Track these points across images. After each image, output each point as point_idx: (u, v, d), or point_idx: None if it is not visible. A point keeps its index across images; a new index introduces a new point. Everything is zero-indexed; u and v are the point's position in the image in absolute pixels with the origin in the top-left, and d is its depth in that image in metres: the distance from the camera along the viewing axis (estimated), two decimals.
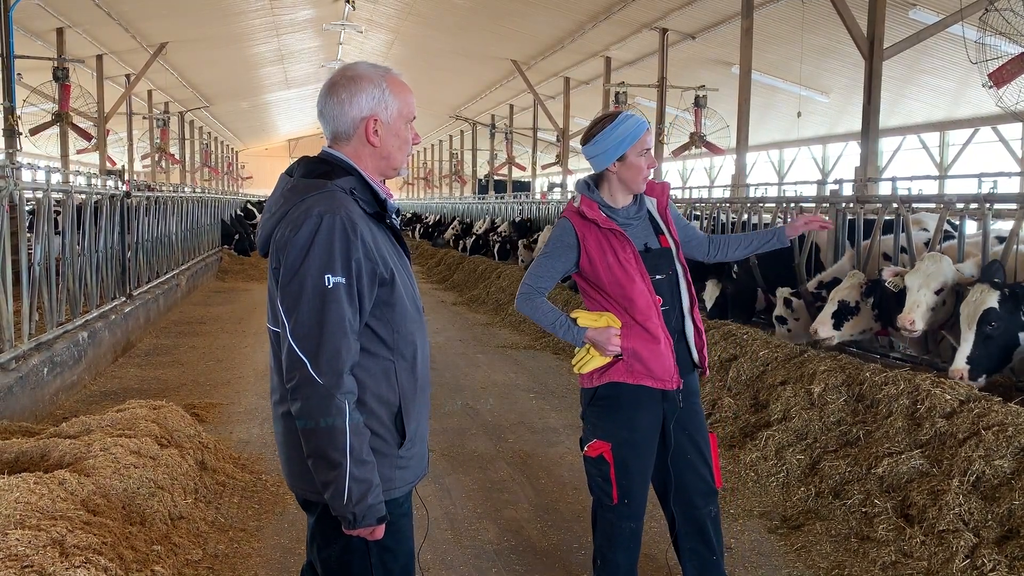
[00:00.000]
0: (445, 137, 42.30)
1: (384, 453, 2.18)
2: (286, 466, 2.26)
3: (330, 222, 2.04)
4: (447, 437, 6.17)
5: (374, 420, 2.15)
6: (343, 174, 2.18)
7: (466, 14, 20.14)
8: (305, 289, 2.03)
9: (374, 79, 2.21)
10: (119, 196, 9.80)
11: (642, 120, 3.17)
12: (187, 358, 9.00)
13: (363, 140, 2.22)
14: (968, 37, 8.60)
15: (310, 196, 2.10)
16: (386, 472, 2.18)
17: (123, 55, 21.32)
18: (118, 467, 4.13)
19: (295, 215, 2.08)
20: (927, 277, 5.48)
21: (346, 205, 2.09)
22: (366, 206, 2.17)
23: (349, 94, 2.19)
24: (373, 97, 2.20)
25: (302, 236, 2.04)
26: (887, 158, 21.00)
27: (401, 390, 2.20)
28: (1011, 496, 3.92)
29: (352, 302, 2.06)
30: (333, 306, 2.02)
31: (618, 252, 3.11)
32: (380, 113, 2.21)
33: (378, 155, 2.24)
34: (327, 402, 2.00)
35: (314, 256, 2.02)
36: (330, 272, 2.02)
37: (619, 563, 3.24)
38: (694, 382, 3.31)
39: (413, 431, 2.25)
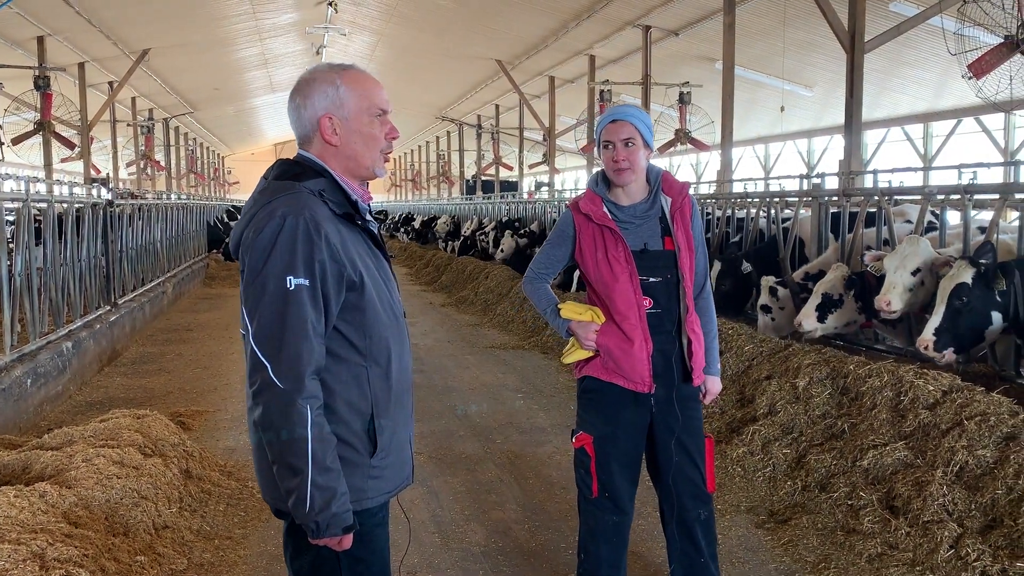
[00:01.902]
0: (432, 138, 42.26)
1: (354, 462, 2.13)
2: (259, 476, 2.23)
3: (293, 223, 2.01)
4: (435, 439, 6.15)
5: (343, 427, 2.11)
6: (313, 175, 2.15)
7: (449, 15, 20.12)
8: (267, 291, 1.99)
9: (328, 78, 2.17)
10: (101, 204, 9.75)
11: (614, 111, 3.13)
12: (173, 366, 8.95)
13: (322, 140, 2.19)
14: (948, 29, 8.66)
15: (276, 198, 2.08)
16: (357, 482, 2.13)
17: (105, 62, 21.20)
18: (100, 478, 4.10)
19: (260, 216, 2.06)
20: (904, 259, 5.53)
21: (311, 206, 2.06)
22: (335, 207, 2.12)
23: (303, 96, 2.18)
24: (327, 95, 2.16)
25: (264, 237, 2.01)
26: (872, 150, 21.09)
27: (374, 397, 2.15)
28: (994, 486, 3.93)
29: (316, 304, 2.02)
30: (294, 308, 1.98)
31: (609, 249, 3.10)
32: (335, 111, 2.17)
33: (342, 154, 2.20)
34: (288, 408, 1.97)
35: (276, 257, 1.99)
36: (292, 274, 1.98)
37: (602, 556, 3.23)
38: (690, 388, 3.23)
39: (387, 440, 2.19)
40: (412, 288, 16.73)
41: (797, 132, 23.38)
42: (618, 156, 3.06)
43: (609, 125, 3.09)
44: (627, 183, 3.12)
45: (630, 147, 3.06)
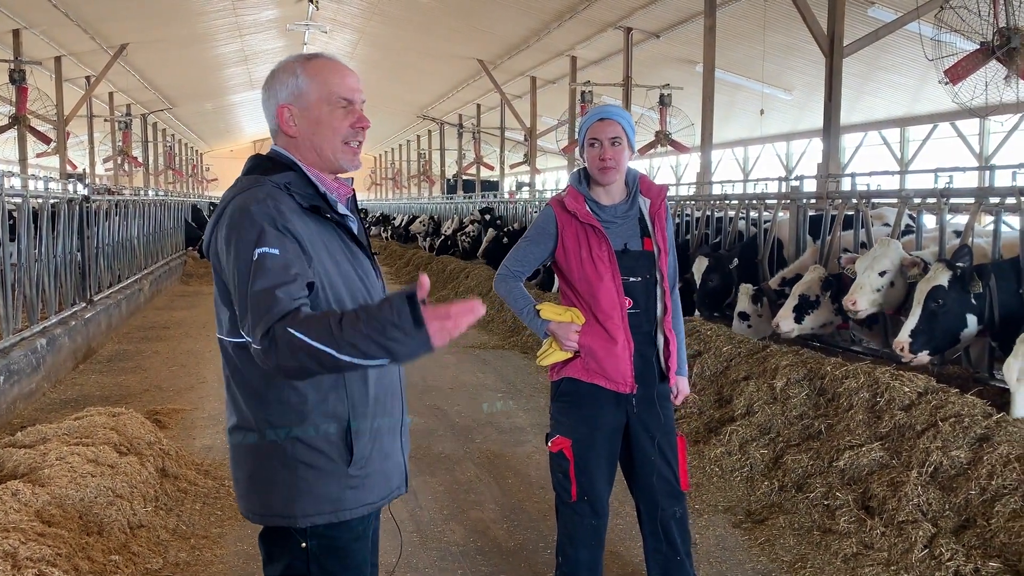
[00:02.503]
0: (413, 137, 42.13)
1: (328, 471, 2.04)
2: (236, 486, 2.15)
3: (257, 208, 1.95)
4: (414, 439, 6.09)
5: (319, 436, 2.04)
6: (282, 169, 2.08)
7: (431, 14, 20.07)
8: (239, 267, 1.91)
9: (290, 68, 2.12)
10: (78, 200, 9.64)
11: (601, 109, 3.13)
12: (150, 364, 8.87)
13: (281, 132, 2.13)
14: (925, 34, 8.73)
15: (241, 193, 2.01)
16: (332, 491, 2.04)
17: (82, 57, 20.96)
18: (74, 476, 4.06)
19: (228, 213, 2.01)
20: (873, 260, 5.64)
21: (275, 197, 1.99)
22: (302, 200, 2.03)
23: (268, 88, 2.14)
24: (286, 85, 2.10)
25: (230, 227, 1.96)
26: (850, 154, 21.28)
27: (351, 402, 2.06)
28: (967, 486, 3.98)
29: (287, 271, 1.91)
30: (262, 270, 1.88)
31: (592, 248, 3.10)
32: (294, 101, 2.10)
33: (304, 146, 2.11)
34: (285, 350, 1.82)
35: (243, 237, 1.92)
36: (260, 246, 1.90)
37: (580, 559, 3.24)
38: (665, 387, 3.26)
39: (366, 448, 2.09)
40: (392, 287, 16.57)
41: (776, 135, 23.53)
42: (605, 154, 3.06)
43: (596, 123, 3.09)
44: (611, 182, 3.12)
45: (616, 146, 3.07)
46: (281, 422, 2.02)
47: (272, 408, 2.02)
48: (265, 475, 2.05)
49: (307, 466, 2.03)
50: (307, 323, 1.80)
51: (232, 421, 2.11)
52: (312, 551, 2.06)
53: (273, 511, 2.06)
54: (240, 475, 2.09)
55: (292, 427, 2.02)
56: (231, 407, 2.11)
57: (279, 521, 2.05)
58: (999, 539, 3.65)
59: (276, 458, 2.03)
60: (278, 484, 2.04)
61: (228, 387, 2.10)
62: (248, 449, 2.06)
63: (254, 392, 2.03)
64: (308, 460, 2.03)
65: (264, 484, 2.05)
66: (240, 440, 2.07)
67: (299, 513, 2.04)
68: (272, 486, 2.04)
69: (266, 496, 2.05)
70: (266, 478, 2.05)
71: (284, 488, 2.03)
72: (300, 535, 2.06)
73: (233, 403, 2.10)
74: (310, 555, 2.07)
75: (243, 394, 2.05)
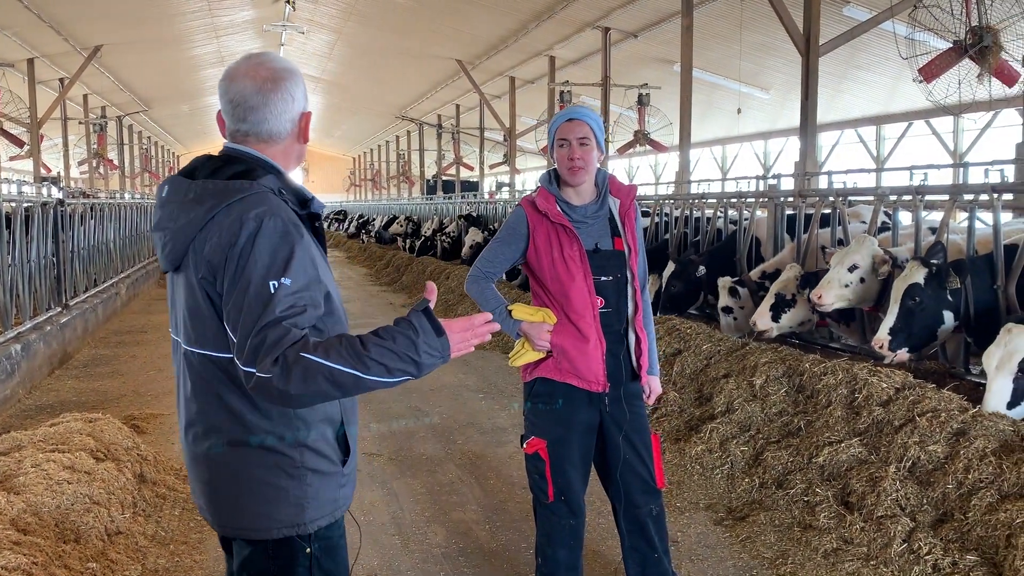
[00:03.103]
0: (392, 138, 42.03)
1: (330, 474, 2.05)
2: (211, 506, 2.06)
3: (271, 224, 1.88)
4: (395, 441, 6.12)
5: (322, 441, 2.03)
6: (264, 173, 2.00)
7: (409, 14, 20.03)
8: (247, 295, 1.84)
9: (298, 74, 2.09)
10: (52, 204, 9.53)
11: (570, 110, 3.16)
12: (127, 368, 8.78)
13: (296, 138, 2.08)
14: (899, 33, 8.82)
15: (236, 200, 1.91)
16: (331, 493, 2.06)
17: (56, 58, 20.74)
18: (50, 483, 4.01)
19: (226, 222, 1.89)
20: (843, 256, 5.73)
21: (282, 208, 1.93)
22: (296, 207, 2.01)
23: (292, 88, 2.05)
24: (303, 92, 2.08)
25: (240, 244, 1.86)
26: (827, 152, 21.46)
27: (343, 405, 2.09)
28: (945, 480, 4.02)
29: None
30: (280, 295, 1.84)
31: (564, 248, 3.11)
32: (308, 107, 2.12)
33: (301, 152, 2.13)
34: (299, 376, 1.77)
35: (254, 262, 1.85)
36: (274, 278, 1.84)
37: (559, 559, 3.24)
38: (636, 386, 3.28)
39: (354, 445, 2.13)
40: (372, 288, 16.62)
41: (754, 134, 23.69)
42: (573, 154, 3.08)
43: (565, 124, 3.11)
44: (580, 182, 3.14)
45: (585, 146, 3.08)
46: (288, 432, 1.99)
47: (276, 419, 1.98)
48: (271, 489, 1.99)
49: (314, 472, 2.02)
50: (322, 348, 1.79)
51: (220, 437, 2.00)
52: (315, 554, 2.06)
53: (282, 522, 2.01)
54: (227, 492, 2.00)
55: (299, 436, 2.00)
56: (215, 423, 2.00)
57: (287, 532, 2.01)
58: (976, 532, 3.69)
59: (281, 468, 1.99)
60: (286, 495, 2.00)
61: (213, 403, 1.99)
62: (246, 464, 1.99)
63: (254, 406, 1.97)
64: (314, 466, 2.02)
65: (269, 498, 2.00)
66: (236, 456, 1.98)
67: (308, 519, 2.02)
68: (280, 498, 2.00)
69: (272, 509, 2.00)
70: (272, 492, 1.99)
71: (294, 497, 2.00)
72: (305, 541, 2.04)
73: (223, 419, 1.99)
74: (313, 559, 2.05)
75: (242, 409, 1.97)
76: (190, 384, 2.03)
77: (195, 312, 1.97)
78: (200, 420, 2.02)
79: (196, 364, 2.00)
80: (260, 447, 1.98)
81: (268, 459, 1.99)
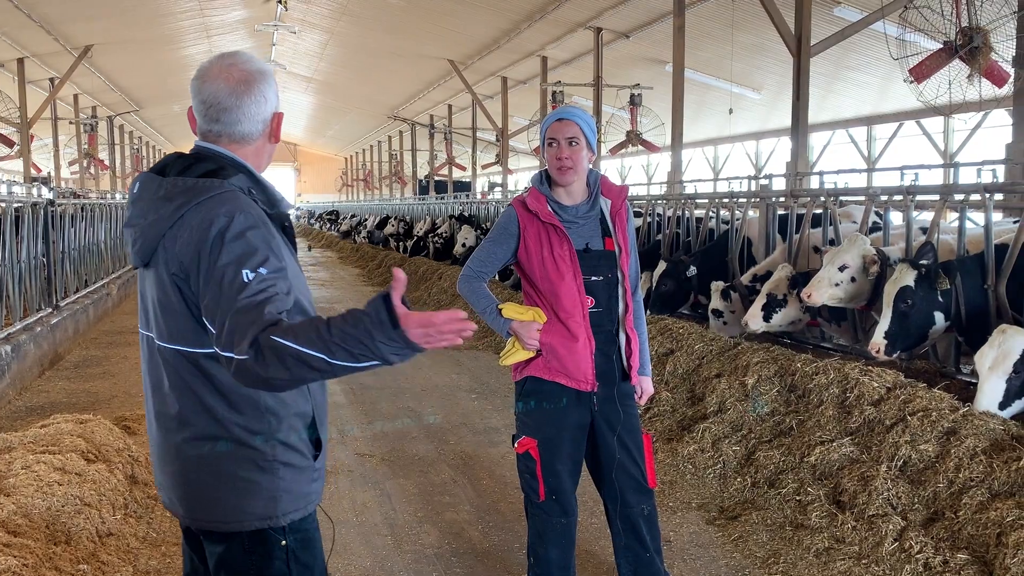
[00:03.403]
0: (384, 138, 41.96)
1: (301, 468, 2.09)
2: (183, 500, 2.07)
3: (241, 220, 1.90)
4: (388, 441, 6.11)
5: (294, 435, 2.06)
6: (234, 172, 2.01)
7: (401, 14, 20.01)
8: (222, 287, 1.84)
9: (271, 75, 2.11)
10: (42, 204, 9.48)
11: (560, 110, 3.18)
12: (118, 369, 8.74)
13: (267, 138, 2.10)
14: (890, 34, 8.86)
15: (207, 200, 1.93)
16: (303, 487, 2.09)
17: (46, 58, 20.65)
18: (41, 485, 3.99)
19: (195, 219, 1.91)
20: (835, 255, 5.77)
21: (252, 207, 1.96)
22: (265, 207, 2.03)
23: (263, 90, 2.07)
24: (275, 93, 2.11)
25: (211, 237, 1.88)
26: (818, 152, 21.52)
27: (313, 399, 2.12)
28: (935, 479, 4.04)
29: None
30: (255, 282, 1.84)
31: (554, 247, 3.12)
32: (279, 107, 2.14)
33: (261, 153, 2.13)
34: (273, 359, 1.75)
35: (227, 253, 1.86)
36: (247, 268, 1.85)
37: (551, 559, 3.25)
38: (628, 386, 3.29)
39: (324, 439, 2.16)
40: (365, 289, 16.59)
41: (745, 134, 23.75)
42: (562, 154, 3.09)
43: (555, 124, 3.13)
44: (569, 182, 3.15)
45: (574, 146, 3.10)
46: (260, 427, 2.02)
47: (249, 414, 2.01)
48: (243, 482, 2.02)
49: (285, 466, 2.05)
50: (292, 331, 1.76)
51: (192, 432, 2.02)
52: (291, 546, 2.09)
53: (254, 515, 2.04)
54: (198, 485, 2.03)
55: (272, 431, 2.03)
56: (188, 417, 2.02)
57: (259, 524, 2.05)
58: (967, 531, 3.71)
59: (254, 462, 2.02)
60: (259, 488, 2.03)
61: (186, 397, 2.02)
62: (218, 458, 2.02)
63: (226, 400, 2.00)
64: (286, 459, 2.05)
65: (242, 491, 2.03)
66: (209, 450, 2.02)
67: (280, 512, 2.06)
68: (252, 491, 2.03)
69: (245, 502, 2.03)
70: (245, 484, 2.03)
71: (265, 490, 2.04)
72: (280, 534, 2.07)
73: (196, 414, 2.02)
74: (289, 551, 2.09)
75: (214, 403, 2.01)
76: (165, 379, 2.04)
77: (166, 308, 1.99)
78: (173, 413, 2.04)
79: (169, 359, 2.02)
80: (233, 441, 2.01)
81: (241, 453, 2.02)
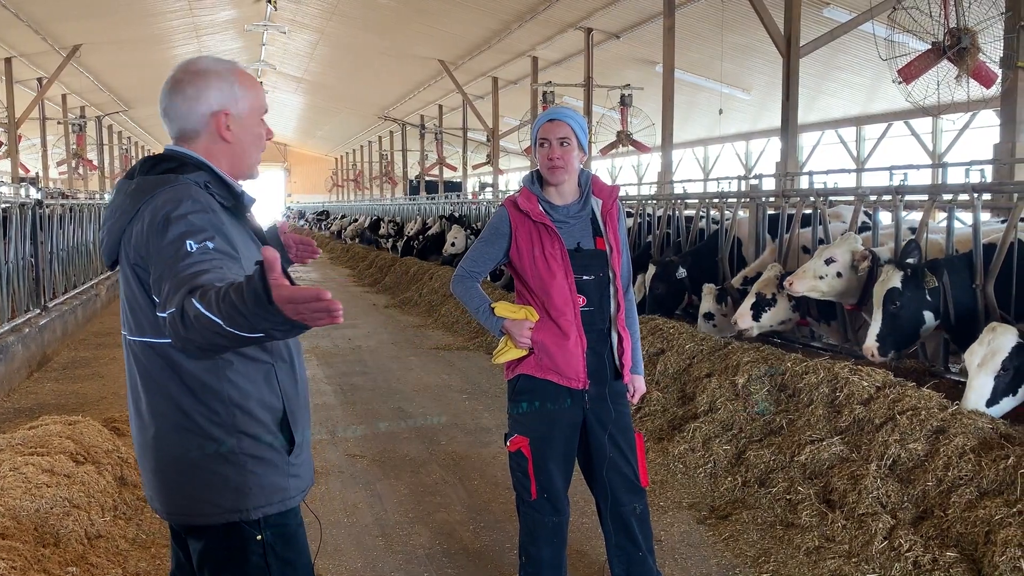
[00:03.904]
0: (374, 138, 41.88)
1: (274, 462, 2.09)
2: (158, 494, 2.11)
3: (189, 204, 1.93)
4: (379, 442, 6.09)
5: (261, 428, 2.07)
6: (193, 169, 2.06)
7: (391, 14, 19.99)
8: (164, 257, 1.86)
9: (221, 73, 2.12)
10: (30, 205, 9.43)
11: (552, 111, 3.19)
12: (107, 370, 8.70)
13: (215, 137, 2.12)
14: (879, 35, 8.90)
15: (161, 191, 1.97)
16: (279, 481, 2.10)
17: (34, 58, 20.55)
18: (29, 487, 3.96)
19: (148, 211, 1.95)
20: (824, 249, 5.85)
21: (202, 196, 1.99)
22: (222, 200, 2.06)
23: (196, 90, 2.09)
24: (222, 91, 2.11)
25: (159, 218, 1.91)
26: (807, 152, 21.62)
27: (284, 393, 2.12)
28: (925, 478, 4.06)
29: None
30: (196, 253, 1.86)
31: (545, 246, 3.14)
32: (231, 107, 2.12)
33: (231, 151, 2.15)
34: (190, 321, 1.71)
35: (172, 229, 1.89)
36: (191, 239, 1.87)
37: (543, 558, 3.25)
38: (620, 385, 3.30)
39: (301, 436, 2.16)
40: (355, 290, 16.56)
41: (735, 135, 23.83)
42: (553, 154, 3.11)
43: (546, 124, 3.15)
44: (560, 182, 3.17)
45: (565, 146, 3.12)
46: (224, 419, 2.04)
47: (213, 406, 2.03)
48: (210, 474, 2.04)
49: (254, 458, 2.07)
50: (204, 294, 1.72)
51: (163, 426, 2.05)
52: (268, 541, 2.10)
53: (223, 507, 2.06)
54: (171, 479, 2.05)
55: (237, 423, 2.04)
56: (158, 411, 2.05)
57: (229, 517, 2.06)
58: (956, 529, 3.73)
59: (220, 454, 2.04)
60: (226, 480, 2.04)
61: (154, 390, 2.04)
62: (186, 451, 2.04)
63: (191, 392, 2.02)
64: (254, 452, 2.06)
65: (210, 483, 2.05)
66: (178, 443, 2.03)
67: (251, 506, 2.07)
68: (220, 484, 2.05)
69: (213, 495, 2.05)
70: (212, 477, 2.04)
71: (233, 484, 2.05)
72: (254, 528, 2.08)
73: (164, 406, 2.04)
74: (266, 546, 2.10)
75: (180, 395, 2.03)
76: (137, 374, 2.08)
77: (131, 300, 2.04)
78: (144, 408, 2.07)
79: (138, 353, 2.06)
80: (199, 434, 2.03)
81: (208, 447, 2.04)
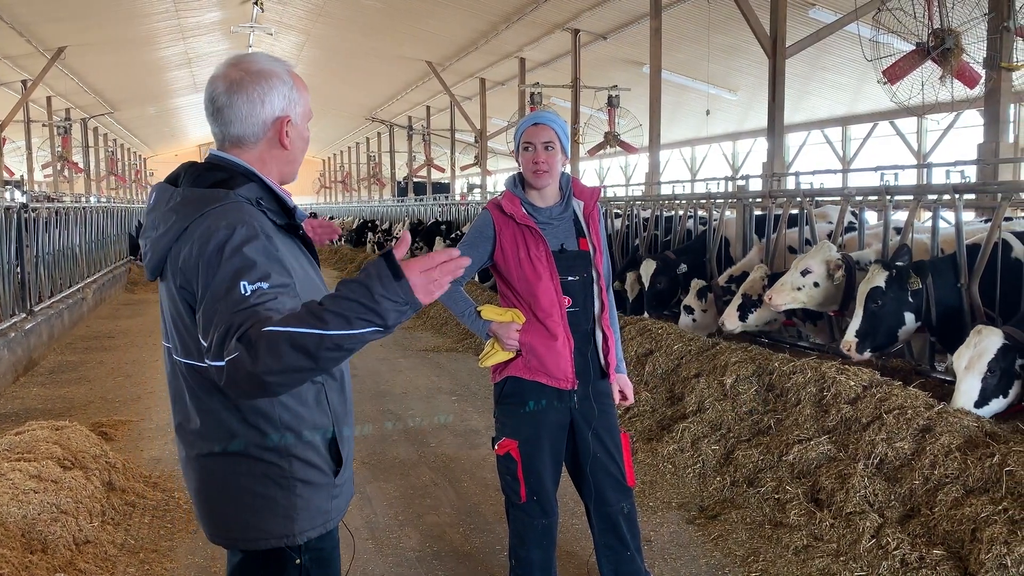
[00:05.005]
0: (362, 139, 41.83)
1: (320, 484, 2.02)
2: (205, 516, 2.04)
3: (243, 232, 1.81)
4: (368, 444, 6.09)
5: (311, 451, 1.99)
6: (244, 181, 1.94)
7: (378, 15, 19.96)
8: (217, 298, 1.76)
9: (281, 75, 1.99)
10: (15, 208, 9.37)
11: (536, 115, 3.20)
12: (94, 374, 8.65)
13: (274, 143, 2.00)
14: (864, 35, 8.96)
15: (211, 211, 1.85)
16: (323, 504, 2.03)
17: (18, 60, 20.40)
18: (16, 493, 3.94)
19: (198, 231, 1.84)
20: (800, 259, 5.88)
21: (256, 218, 1.87)
22: (275, 217, 1.95)
23: (261, 92, 1.96)
24: (283, 95, 1.99)
25: (210, 249, 1.80)
26: (794, 153, 21.73)
27: (333, 413, 2.04)
28: (911, 476, 4.09)
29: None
30: (252, 294, 1.75)
31: (530, 248, 3.15)
32: (291, 112, 2.01)
33: (285, 159, 2.04)
34: (264, 350, 1.64)
35: (226, 267, 1.78)
36: (246, 280, 1.76)
37: (533, 560, 3.26)
38: (605, 384, 3.32)
39: (347, 455, 2.09)
40: None
41: (722, 135, 23.93)
42: (538, 158, 3.12)
43: (530, 128, 3.16)
44: (544, 186, 3.18)
45: (550, 151, 3.13)
46: (275, 442, 1.96)
47: (265, 430, 1.96)
48: (259, 499, 1.97)
49: (303, 483, 1.99)
50: (284, 319, 1.67)
51: (208, 446, 1.97)
52: (305, 566, 2.04)
53: (271, 533, 1.99)
54: (216, 502, 1.99)
55: (287, 446, 1.97)
56: (206, 431, 1.97)
57: (275, 543, 1.99)
58: (942, 527, 3.76)
59: (269, 478, 1.97)
60: (274, 505, 1.98)
61: (203, 412, 1.96)
62: (234, 474, 1.97)
63: (243, 417, 1.95)
64: (304, 476, 1.99)
65: (258, 509, 1.97)
66: (224, 465, 1.97)
67: (298, 531, 2.00)
68: (268, 509, 1.98)
69: (260, 520, 1.98)
70: (261, 502, 1.97)
71: (282, 507, 1.98)
72: (296, 552, 2.02)
73: (213, 428, 1.96)
74: (303, 569, 2.03)
75: (231, 419, 1.95)
76: (184, 392, 1.99)
77: (177, 322, 1.94)
78: (190, 427, 1.99)
79: (185, 373, 1.97)
80: (248, 457, 1.95)
81: (256, 469, 1.96)
